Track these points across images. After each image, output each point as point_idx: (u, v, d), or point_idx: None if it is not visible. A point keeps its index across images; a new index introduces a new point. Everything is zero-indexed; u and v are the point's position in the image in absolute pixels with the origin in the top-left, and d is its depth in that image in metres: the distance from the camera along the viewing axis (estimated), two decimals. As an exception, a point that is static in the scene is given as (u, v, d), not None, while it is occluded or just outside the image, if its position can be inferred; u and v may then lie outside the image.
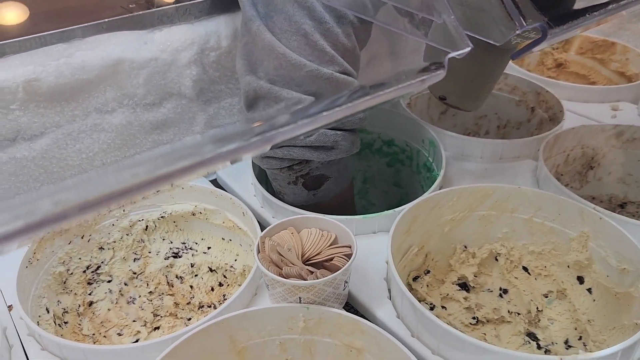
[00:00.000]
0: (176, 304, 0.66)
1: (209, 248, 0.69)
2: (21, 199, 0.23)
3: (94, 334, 0.61)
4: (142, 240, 0.68)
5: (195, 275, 0.68)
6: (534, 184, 0.72)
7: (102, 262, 0.66)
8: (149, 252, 0.69)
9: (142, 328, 0.63)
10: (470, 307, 0.62)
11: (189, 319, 0.64)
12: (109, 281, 0.66)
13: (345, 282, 0.52)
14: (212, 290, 0.67)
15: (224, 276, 0.67)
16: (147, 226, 0.68)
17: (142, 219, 0.68)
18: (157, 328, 0.63)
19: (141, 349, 0.49)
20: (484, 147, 0.77)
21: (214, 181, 0.77)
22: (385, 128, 0.87)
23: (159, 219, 0.68)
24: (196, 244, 0.70)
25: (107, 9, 0.70)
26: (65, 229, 0.62)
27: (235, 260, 0.67)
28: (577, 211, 0.59)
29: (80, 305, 0.63)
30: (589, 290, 0.60)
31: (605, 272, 0.57)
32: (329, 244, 0.53)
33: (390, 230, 0.56)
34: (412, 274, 0.64)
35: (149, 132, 0.73)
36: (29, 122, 0.62)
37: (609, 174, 0.81)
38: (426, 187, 0.74)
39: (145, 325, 0.63)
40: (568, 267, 0.62)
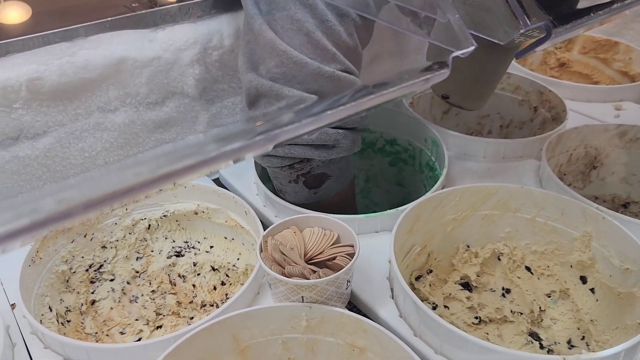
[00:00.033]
0: (179, 303, 0.66)
1: (211, 247, 0.69)
2: (24, 197, 0.23)
3: (97, 333, 0.61)
4: (144, 239, 0.69)
5: (198, 274, 0.68)
6: (536, 184, 0.72)
7: (104, 261, 0.66)
8: (152, 251, 0.69)
9: (144, 327, 0.63)
10: (472, 307, 0.62)
11: (192, 317, 0.64)
12: (112, 280, 0.66)
13: (348, 282, 0.52)
14: (214, 289, 0.67)
15: (227, 275, 0.67)
16: (149, 225, 0.68)
17: (145, 218, 0.68)
18: (160, 327, 0.63)
19: (144, 348, 0.49)
20: (486, 146, 0.77)
21: (216, 180, 0.77)
22: (387, 127, 0.87)
23: (161, 217, 0.69)
24: (199, 242, 0.70)
25: (110, 8, 0.70)
26: (68, 227, 0.62)
27: (238, 259, 0.67)
28: (580, 211, 0.59)
29: (83, 304, 0.63)
30: (592, 290, 0.60)
31: (608, 272, 0.57)
32: (331, 243, 0.53)
33: (393, 229, 0.56)
34: (414, 273, 0.63)
35: (152, 131, 0.73)
36: (32, 121, 0.63)
37: (612, 173, 0.81)
38: (429, 187, 0.74)
39: (147, 324, 0.63)
40: (571, 266, 0.62)
